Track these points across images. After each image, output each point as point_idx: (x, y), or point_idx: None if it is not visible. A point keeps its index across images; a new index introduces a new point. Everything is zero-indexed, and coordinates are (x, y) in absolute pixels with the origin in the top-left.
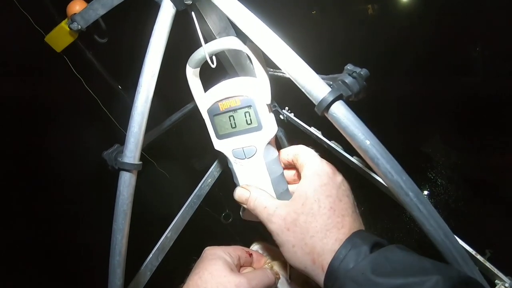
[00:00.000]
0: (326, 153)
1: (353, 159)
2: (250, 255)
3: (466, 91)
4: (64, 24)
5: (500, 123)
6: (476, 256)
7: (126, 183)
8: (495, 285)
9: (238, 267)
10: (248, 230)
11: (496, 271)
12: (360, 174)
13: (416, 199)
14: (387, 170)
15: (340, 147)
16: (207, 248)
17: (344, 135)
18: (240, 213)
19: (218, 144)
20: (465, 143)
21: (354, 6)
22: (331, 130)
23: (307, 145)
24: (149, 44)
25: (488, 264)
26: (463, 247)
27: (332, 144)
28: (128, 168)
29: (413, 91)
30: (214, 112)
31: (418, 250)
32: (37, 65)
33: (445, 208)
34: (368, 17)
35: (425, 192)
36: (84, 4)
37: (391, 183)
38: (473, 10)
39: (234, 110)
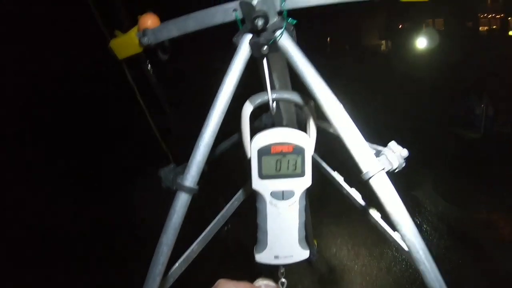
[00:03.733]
0: (345, 197)
1: (371, 212)
2: None
3: (465, 145)
4: (134, 35)
5: (491, 182)
6: None
7: (183, 203)
8: None
9: None
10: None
11: None
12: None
13: (429, 267)
14: (417, 252)
15: (359, 195)
16: (220, 280)
17: (382, 201)
18: (255, 253)
19: (258, 183)
20: (455, 195)
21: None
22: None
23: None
24: (223, 83)
25: None
26: None
27: (352, 191)
28: (187, 191)
29: (414, 137)
30: (264, 153)
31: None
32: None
33: None
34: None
35: None
36: (156, 20)
37: (420, 266)
38: (483, 67)
39: (284, 155)
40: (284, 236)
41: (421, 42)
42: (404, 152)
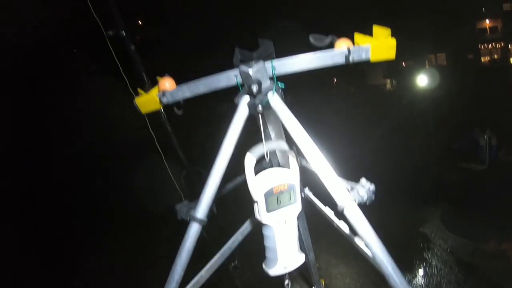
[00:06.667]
0: (334, 230)
1: (357, 241)
2: None
3: (471, 177)
4: (154, 94)
5: (498, 213)
6: None
7: (195, 232)
8: None
9: None
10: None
11: None
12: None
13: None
14: (382, 262)
15: (347, 226)
16: None
17: (355, 228)
18: (267, 270)
19: (267, 217)
20: (464, 228)
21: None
22: None
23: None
24: (226, 136)
25: None
26: None
27: (341, 224)
28: (198, 222)
29: (420, 173)
30: (269, 194)
31: None
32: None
33: None
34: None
35: (420, 271)
36: (172, 82)
37: (386, 272)
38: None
39: (282, 192)
40: (289, 250)
41: (423, 80)
42: (372, 187)
